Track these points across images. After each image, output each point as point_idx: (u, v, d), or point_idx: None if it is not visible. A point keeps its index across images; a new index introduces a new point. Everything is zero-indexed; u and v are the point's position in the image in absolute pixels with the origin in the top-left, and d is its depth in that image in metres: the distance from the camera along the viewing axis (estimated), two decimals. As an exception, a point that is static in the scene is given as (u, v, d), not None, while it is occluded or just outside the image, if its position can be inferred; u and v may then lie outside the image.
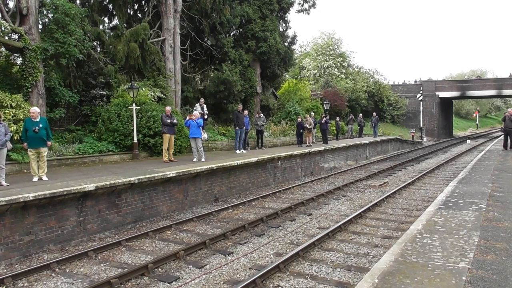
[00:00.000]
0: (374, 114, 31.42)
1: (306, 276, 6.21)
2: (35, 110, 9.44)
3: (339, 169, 19.60)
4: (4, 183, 8.65)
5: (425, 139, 41.25)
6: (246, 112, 17.31)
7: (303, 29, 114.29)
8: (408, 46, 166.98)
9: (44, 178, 9.41)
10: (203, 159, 13.45)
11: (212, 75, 23.06)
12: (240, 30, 23.48)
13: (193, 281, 6.17)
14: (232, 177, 13.02)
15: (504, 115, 18.17)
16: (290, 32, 33.67)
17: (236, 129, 16.47)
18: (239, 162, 13.07)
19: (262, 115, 18.93)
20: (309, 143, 20.10)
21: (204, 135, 14.98)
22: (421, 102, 46.00)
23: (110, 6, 18.58)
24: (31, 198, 7.34)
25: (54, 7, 13.04)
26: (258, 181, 14.42)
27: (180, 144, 15.68)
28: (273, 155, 15.10)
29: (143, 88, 16.01)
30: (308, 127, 19.97)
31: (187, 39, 20.95)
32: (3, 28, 12.21)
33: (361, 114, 31.09)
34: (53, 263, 6.90)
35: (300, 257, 7.00)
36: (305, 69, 45.27)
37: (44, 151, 9.50)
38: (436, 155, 26.93)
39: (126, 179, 9.25)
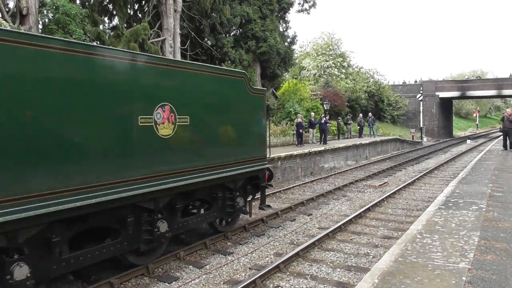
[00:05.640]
0: (370, 114, 32.19)
1: (306, 276, 6.21)
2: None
3: (339, 169, 19.59)
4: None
5: (425, 139, 41.25)
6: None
7: (303, 29, 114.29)
8: (408, 46, 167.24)
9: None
10: None
11: (212, 75, 23.04)
12: (240, 30, 23.50)
13: (193, 281, 6.17)
14: (232, 177, 12.99)
15: (502, 115, 18.17)
16: (290, 32, 33.70)
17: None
18: (239, 162, 13.05)
19: None
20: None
21: None
22: (421, 102, 46.02)
23: (110, 6, 18.61)
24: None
25: (54, 7, 13.04)
26: (258, 181, 14.39)
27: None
28: (273, 155, 15.08)
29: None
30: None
31: (187, 39, 20.97)
32: (3, 28, 12.20)
33: (361, 114, 31.16)
34: (53, 263, 6.88)
35: (300, 257, 7.00)
36: (305, 69, 45.25)
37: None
38: (436, 155, 26.92)
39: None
